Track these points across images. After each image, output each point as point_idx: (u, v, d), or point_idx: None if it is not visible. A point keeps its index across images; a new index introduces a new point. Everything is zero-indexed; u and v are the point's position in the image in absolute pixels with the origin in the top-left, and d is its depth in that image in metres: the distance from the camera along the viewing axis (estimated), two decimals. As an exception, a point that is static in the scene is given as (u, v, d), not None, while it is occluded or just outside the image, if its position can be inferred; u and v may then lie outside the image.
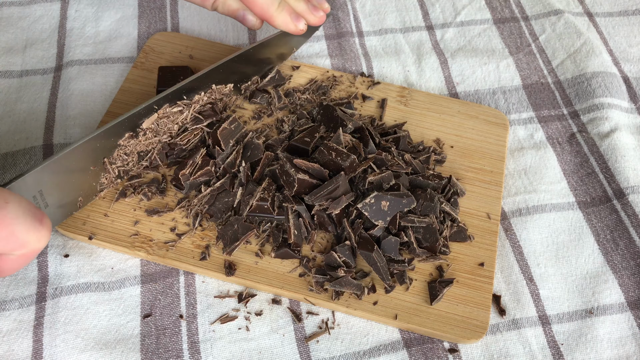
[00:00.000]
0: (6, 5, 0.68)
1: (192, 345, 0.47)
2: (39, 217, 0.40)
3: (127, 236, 0.50)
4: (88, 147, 0.49)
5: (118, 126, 0.50)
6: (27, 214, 0.39)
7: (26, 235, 0.39)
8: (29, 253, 0.40)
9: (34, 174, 0.45)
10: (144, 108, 0.51)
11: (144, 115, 0.52)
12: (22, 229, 0.38)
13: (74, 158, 0.48)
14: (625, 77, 0.66)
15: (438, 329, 0.48)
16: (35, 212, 0.40)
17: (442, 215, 0.52)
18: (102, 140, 0.50)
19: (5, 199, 0.38)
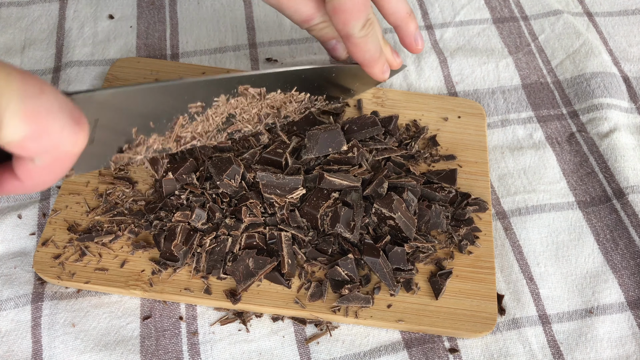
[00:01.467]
0: (5, 5, 0.67)
1: (192, 346, 0.47)
2: (76, 116, 0.34)
3: (119, 276, 0.48)
4: (159, 91, 0.45)
5: (195, 85, 0.47)
6: (64, 109, 0.33)
7: (60, 134, 0.33)
8: (61, 158, 0.34)
9: (102, 95, 0.40)
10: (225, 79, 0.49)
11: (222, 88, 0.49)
12: (56, 126, 0.33)
13: (140, 98, 0.44)
14: (625, 76, 0.66)
15: (450, 326, 0.48)
16: (73, 110, 0.34)
17: (452, 222, 0.52)
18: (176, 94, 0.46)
19: (41, 89, 0.32)
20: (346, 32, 0.50)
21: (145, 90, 0.44)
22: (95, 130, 0.41)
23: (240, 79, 0.50)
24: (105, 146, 0.44)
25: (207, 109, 0.49)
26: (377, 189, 0.50)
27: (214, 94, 0.49)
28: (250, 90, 0.51)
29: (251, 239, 0.49)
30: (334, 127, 0.52)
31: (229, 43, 0.66)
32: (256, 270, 0.47)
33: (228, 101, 0.50)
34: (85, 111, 0.38)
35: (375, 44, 0.52)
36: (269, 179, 0.49)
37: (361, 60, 0.52)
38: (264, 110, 0.52)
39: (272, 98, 0.52)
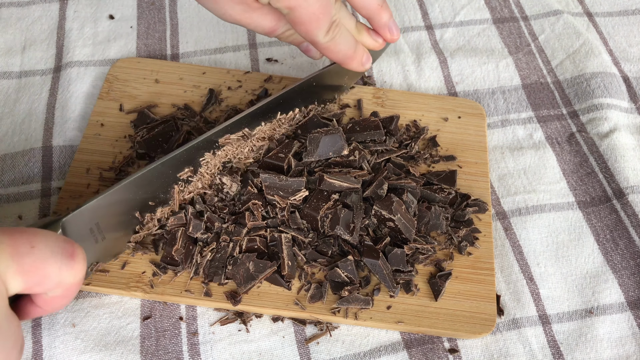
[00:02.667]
0: (5, 5, 0.67)
1: (192, 347, 0.47)
2: (69, 251, 0.38)
3: (120, 278, 0.48)
4: (146, 178, 0.47)
5: (177, 158, 0.49)
6: (57, 252, 0.37)
7: (59, 274, 0.37)
8: (67, 290, 0.39)
9: (91, 206, 0.44)
10: (202, 140, 0.50)
11: (203, 148, 0.50)
12: (53, 269, 0.37)
13: (131, 190, 0.47)
14: (625, 76, 0.65)
15: (449, 327, 0.48)
16: (65, 247, 0.38)
17: (451, 223, 0.52)
18: (162, 172, 0.48)
19: (31, 243, 0.36)
20: (311, 40, 0.49)
21: (127, 185, 0.46)
22: (101, 230, 0.46)
23: (215, 134, 0.51)
24: (117, 236, 0.48)
25: (197, 169, 0.50)
26: (377, 191, 0.50)
27: (197, 156, 0.50)
28: (232, 137, 0.52)
29: (252, 242, 0.49)
30: (335, 131, 0.52)
31: (229, 43, 0.66)
32: (257, 274, 0.47)
33: (215, 154, 0.51)
34: (81, 223, 0.43)
35: (346, 42, 0.51)
36: (272, 181, 0.49)
37: (335, 60, 0.52)
38: (256, 145, 0.53)
39: (260, 131, 0.53)
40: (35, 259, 0.36)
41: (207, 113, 0.58)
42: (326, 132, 0.52)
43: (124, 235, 0.48)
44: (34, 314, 0.40)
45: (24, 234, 0.37)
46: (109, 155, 0.55)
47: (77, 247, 0.39)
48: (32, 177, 0.55)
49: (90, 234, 0.45)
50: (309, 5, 0.46)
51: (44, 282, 0.37)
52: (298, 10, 0.46)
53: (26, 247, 0.36)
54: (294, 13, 0.46)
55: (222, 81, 0.61)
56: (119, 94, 0.59)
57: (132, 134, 0.56)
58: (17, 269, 0.35)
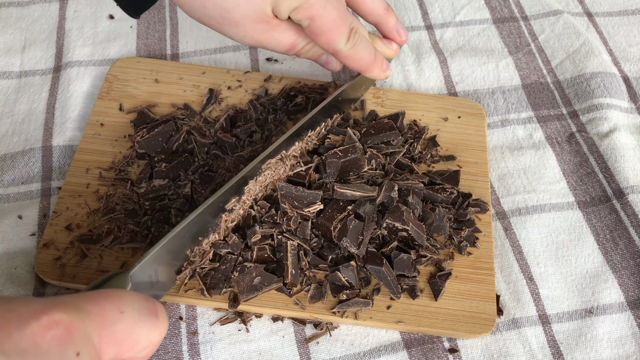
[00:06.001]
0: (5, 5, 0.67)
1: (192, 347, 0.47)
2: (154, 311, 0.36)
3: None
4: (201, 216, 0.46)
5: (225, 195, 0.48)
6: (144, 314, 0.36)
7: (148, 337, 0.36)
8: (152, 348, 0.37)
9: (154, 254, 0.43)
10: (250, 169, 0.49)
11: (249, 177, 0.50)
12: (143, 332, 0.35)
13: (189, 230, 0.46)
14: (625, 76, 0.66)
15: (449, 327, 0.48)
16: (150, 307, 0.36)
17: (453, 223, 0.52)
18: (214, 207, 0.48)
19: (120, 308, 0.34)
20: (332, 49, 0.49)
21: (187, 226, 0.45)
22: (157, 275, 0.44)
23: (262, 161, 0.50)
24: (168, 274, 0.47)
25: (241, 197, 0.50)
26: (390, 194, 0.50)
27: (243, 185, 0.49)
28: (272, 161, 0.51)
29: (262, 251, 0.48)
30: (355, 153, 0.50)
31: (229, 43, 0.66)
32: (261, 286, 0.47)
33: (256, 181, 0.50)
34: (145, 272, 0.42)
35: (367, 49, 0.51)
36: (288, 190, 0.49)
37: (357, 69, 0.52)
38: (289, 164, 0.52)
39: (293, 151, 0.53)
40: (126, 325, 0.34)
41: (207, 113, 0.58)
42: (344, 153, 0.51)
43: (173, 275, 0.47)
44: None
45: (109, 298, 0.35)
46: (109, 155, 0.55)
47: (158, 304, 0.37)
48: (32, 177, 0.55)
49: (148, 280, 0.44)
50: (328, 13, 0.46)
51: (135, 346, 0.35)
52: (318, 19, 0.46)
53: (115, 313, 0.34)
54: (314, 23, 0.47)
55: (222, 81, 0.61)
56: (118, 94, 0.59)
57: (132, 134, 0.56)
58: (110, 339, 0.33)
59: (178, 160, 0.52)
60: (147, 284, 0.43)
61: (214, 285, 0.48)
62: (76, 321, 0.31)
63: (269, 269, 0.48)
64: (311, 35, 0.49)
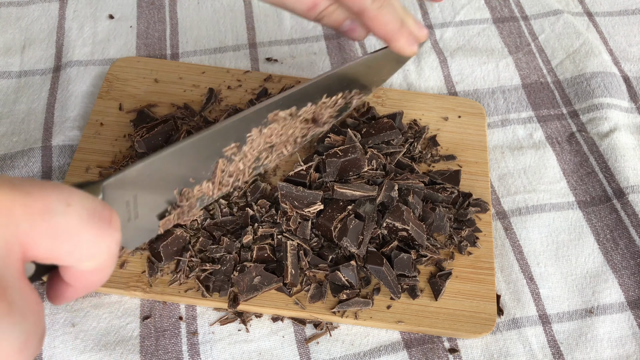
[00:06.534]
0: (4, 5, 0.67)
1: (192, 347, 0.47)
2: (107, 217, 0.32)
3: (120, 278, 0.48)
4: (191, 148, 0.43)
5: (225, 130, 0.45)
6: (94, 216, 0.31)
7: (94, 242, 0.31)
8: (100, 264, 0.32)
9: (135, 171, 0.39)
10: (253, 112, 0.46)
11: (252, 122, 0.46)
12: (89, 236, 0.31)
13: (175, 160, 0.42)
14: (625, 76, 0.65)
15: (449, 327, 0.48)
16: (104, 212, 0.32)
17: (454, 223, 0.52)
18: (208, 144, 0.44)
19: (67, 201, 0.30)
20: (358, 6, 0.46)
21: (175, 152, 0.42)
22: (137, 206, 0.40)
23: (267, 107, 0.47)
24: (150, 216, 0.43)
25: (242, 146, 0.47)
26: (390, 194, 0.49)
27: (245, 131, 0.47)
28: (281, 114, 0.48)
29: (262, 250, 0.48)
30: (355, 153, 0.50)
31: (229, 43, 0.66)
32: (261, 286, 0.47)
33: (261, 132, 0.48)
34: (121, 192, 0.38)
35: (393, 13, 0.47)
36: (288, 190, 0.49)
37: (382, 35, 0.48)
38: (299, 127, 0.50)
39: (305, 112, 0.50)
40: (69, 220, 0.30)
41: (207, 112, 0.58)
42: (344, 152, 0.50)
43: (156, 218, 0.43)
44: (65, 295, 0.34)
45: (58, 189, 0.30)
46: (109, 154, 0.55)
47: (114, 213, 0.33)
48: (32, 177, 0.55)
49: (125, 207, 0.39)
50: None
51: (76, 250, 0.31)
52: None
53: (61, 204, 0.30)
54: None
55: (222, 80, 0.61)
56: (118, 94, 0.59)
57: (131, 133, 0.56)
58: (45, 230, 0.29)
59: None
60: (122, 213, 0.39)
61: (219, 288, 0.47)
62: (5, 199, 0.28)
63: (269, 269, 0.48)
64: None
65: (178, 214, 0.44)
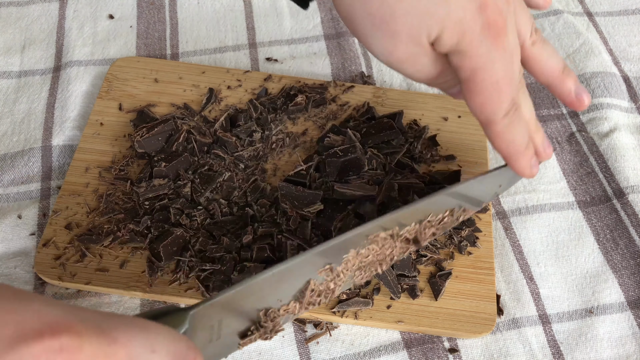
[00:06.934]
0: (4, 5, 0.67)
1: (192, 346, 0.47)
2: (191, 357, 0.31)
3: (120, 277, 0.48)
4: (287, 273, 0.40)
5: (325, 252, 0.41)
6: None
7: None
8: None
9: (224, 299, 0.37)
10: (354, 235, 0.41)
11: (350, 244, 0.42)
12: None
13: (268, 286, 0.39)
14: (626, 76, 0.65)
15: (449, 327, 0.48)
16: (187, 354, 0.31)
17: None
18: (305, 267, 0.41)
19: (152, 347, 0.29)
20: (485, 118, 0.40)
21: (268, 279, 0.39)
22: (221, 328, 0.39)
23: (370, 229, 0.42)
24: (232, 336, 0.40)
25: (336, 267, 0.43)
26: (390, 194, 0.49)
27: (342, 252, 0.42)
28: (382, 234, 0.43)
29: (262, 251, 0.48)
30: (355, 153, 0.50)
31: (229, 43, 0.66)
32: None
33: (358, 253, 0.43)
34: (207, 318, 0.37)
35: (522, 132, 0.42)
36: (288, 190, 0.49)
37: (504, 153, 0.43)
38: (398, 247, 0.45)
39: (407, 232, 0.45)
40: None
41: (207, 112, 0.58)
42: (344, 152, 0.50)
43: (237, 336, 0.41)
44: None
45: (144, 332, 0.29)
46: (109, 154, 0.55)
47: (198, 354, 0.32)
48: (32, 177, 0.55)
49: (209, 330, 0.38)
50: (496, 71, 0.38)
51: None
52: (481, 74, 0.38)
53: (146, 351, 0.29)
54: (474, 77, 0.38)
55: (222, 80, 0.61)
56: (118, 93, 0.59)
57: (131, 133, 0.56)
58: None
59: (178, 160, 0.52)
60: (205, 336, 0.38)
61: (219, 288, 0.48)
62: (88, 349, 0.26)
63: None
64: (465, 90, 0.39)
65: (261, 335, 0.42)
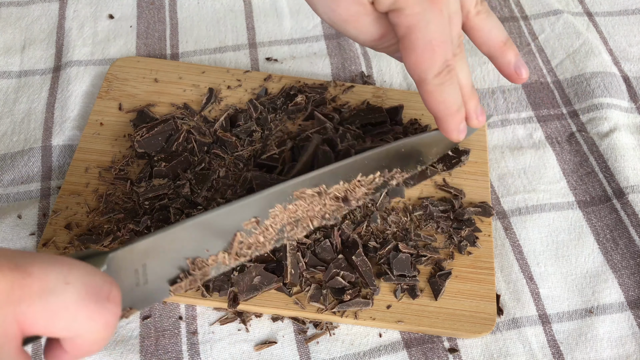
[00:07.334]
0: (4, 5, 0.67)
1: (192, 346, 0.47)
2: (105, 293, 0.32)
3: None
4: (208, 222, 0.42)
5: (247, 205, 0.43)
6: (92, 293, 0.31)
7: (89, 319, 0.31)
8: (98, 338, 0.32)
9: (144, 245, 0.39)
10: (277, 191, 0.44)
11: (275, 199, 0.45)
12: (84, 313, 0.31)
13: (189, 232, 0.41)
14: (625, 76, 0.65)
15: (449, 327, 0.48)
16: (103, 287, 0.32)
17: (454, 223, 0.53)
18: (227, 219, 0.43)
19: (66, 279, 0.30)
20: (418, 76, 0.42)
21: (188, 227, 0.41)
22: (146, 273, 0.40)
23: (294, 186, 0.45)
24: (161, 282, 0.42)
25: (263, 221, 0.45)
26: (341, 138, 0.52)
27: (267, 207, 0.45)
28: (308, 191, 0.46)
29: None
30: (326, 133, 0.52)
31: (229, 43, 0.66)
32: (261, 286, 0.47)
33: (285, 208, 0.46)
34: (129, 262, 0.38)
35: (453, 95, 0.44)
36: (262, 179, 0.49)
37: (434, 113, 0.45)
38: (328, 204, 0.47)
39: (335, 190, 0.47)
40: (66, 299, 0.30)
41: (207, 112, 0.58)
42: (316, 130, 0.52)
43: (166, 283, 0.42)
44: (60, 358, 0.34)
45: (58, 266, 0.31)
46: (109, 154, 0.55)
47: (115, 288, 0.33)
48: (32, 177, 0.55)
49: (134, 275, 0.39)
50: (429, 32, 0.40)
51: (72, 326, 0.31)
52: (415, 32, 0.40)
53: (59, 283, 0.30)
54: (410, 35, 0.41)
55: (222, 80, 0.61)
56: (118, 93, 0.59)
57: (131, 133, 0.56)
58: (42, 310, 0.29)
59: (178, 160, 0.52)
60: (130, 280, 0.39)
61: (219, 288, 0.47)
62: (2, 281, 0.28)
63: (269, 269, 0.48)
64: (401, 48, 0.42)
65: (191, 281, 0.43)
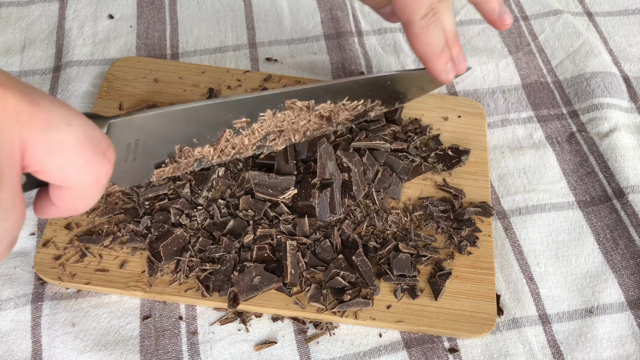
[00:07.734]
0: (4, 5, 0.67)
1: (192, 346, 0.47)
2: (103, 147, 0.32)
3: (119, 277, 0.48)
4: (202, 112, 0.44)
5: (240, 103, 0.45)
6: (91, 142, 0.32)
7: (84, 167, 0.32)
8: (86, 191, 0.33)
9: (142, 118, 0.40)
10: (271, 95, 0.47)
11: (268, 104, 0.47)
12: (81, 159, 0.31)
13: (184, 118, 0.43)
14: (625, 76, 0.65)
15: (449, 327, 0.48)
16: (101, 141, 0.32)
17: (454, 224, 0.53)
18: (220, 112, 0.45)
19: (68, 121, 0.31)
20: (406, 18, 0.45)
21: (187, 110, 0.43)
22: (137, 150, 0.41)
23: (287, 94, 0.47)
24: (147, 162, 0.44)
25: (252, 123, 0.47)
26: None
27: (259, 109, 0.47)
28: (298, 103, 0.48)
29: (262, 250, 0.48)
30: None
31: (229, 43, 0.66)
32: (261, 286, 0.47)
33: (275, 115, 0.48)
34: (125, 133, 0.39)
35: (438, 37, 0.46)
36: (261, 178, 0.49)
37: (421, 55, 0.47)
38: (312, 121, 0.50)
39: (322, 108, 0.50)
40: (67, 139, 0.30)
41: (207, 112, 0.58)
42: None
43: (152, 165, 0.44)
44: (48, 212, 0.34)
45: (64, 108, 0.31)
46: None
47: (112, 147, 0.33)
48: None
49: (125, 148, 0.40)
50: None
51: (65, 168, 0.31)
52: None
53: (63, 121, 0.30)
54: None
55: (222, 80, 0.61)
56: (118, 93, 0.59)
57: None
58: (43, 141, 0.30)
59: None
60: (121, 153, 0.40)
61: (219, 288, 0.47)
62: (12, 101, 0.29)
63: (269, 269, 0.48)
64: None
65: (174, 169, 0.45)
